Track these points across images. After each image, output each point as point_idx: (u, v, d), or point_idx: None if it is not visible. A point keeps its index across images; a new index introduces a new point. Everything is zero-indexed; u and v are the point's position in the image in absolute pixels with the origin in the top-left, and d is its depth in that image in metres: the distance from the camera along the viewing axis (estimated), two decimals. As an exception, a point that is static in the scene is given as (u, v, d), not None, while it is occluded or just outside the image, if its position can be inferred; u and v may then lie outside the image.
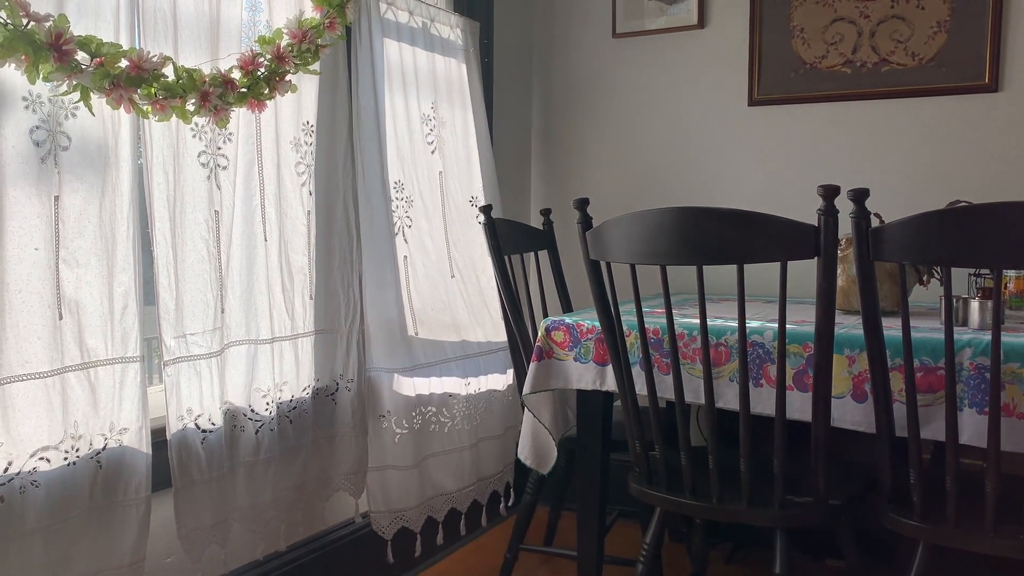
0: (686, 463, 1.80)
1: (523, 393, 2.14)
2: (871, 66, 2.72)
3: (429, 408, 2.52)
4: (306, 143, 2.14)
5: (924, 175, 2.67)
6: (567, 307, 2.72)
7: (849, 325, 1.90)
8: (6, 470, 1.52)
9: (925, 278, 2.09)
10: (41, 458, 1.57)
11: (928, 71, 2.64)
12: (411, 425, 2.43)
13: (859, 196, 1.57)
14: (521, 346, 2.34)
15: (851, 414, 1.77)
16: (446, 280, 2.62)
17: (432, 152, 2.59)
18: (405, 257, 2.47)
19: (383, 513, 2.36)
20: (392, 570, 2.51)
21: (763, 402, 1.82)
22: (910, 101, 2.68)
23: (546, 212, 2.73)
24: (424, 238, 2.54)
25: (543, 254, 2.72)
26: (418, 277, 2.51)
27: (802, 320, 1.97)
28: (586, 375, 2.05)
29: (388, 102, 2.40)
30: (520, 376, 2.33)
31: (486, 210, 2.35)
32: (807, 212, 1.69)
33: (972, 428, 1.63)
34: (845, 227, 1.61)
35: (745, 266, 1.64)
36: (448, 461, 2.58)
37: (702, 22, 2.96)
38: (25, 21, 1.42)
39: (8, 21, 1.40)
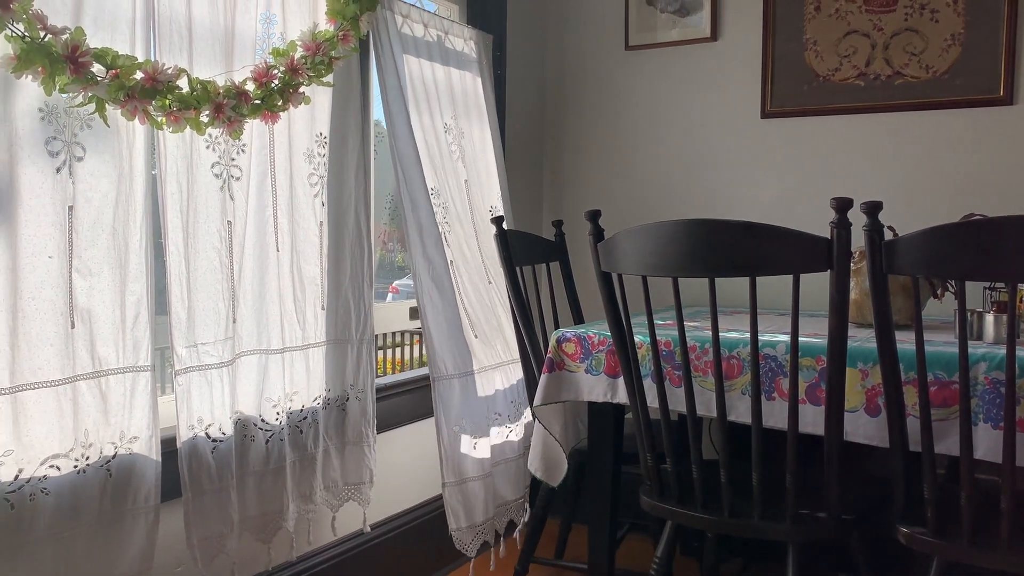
0: (698, 476, 1.79)
1: (534, 405, 2.14)
2: (884, 79, 2.71)
3: (496, 414, 2.51)
4: (319, 154, 2.15)
5: (938, 188, 2.66)
6: (578, 319, 2.72)
7: (862, 338, 1.88)
8: (17, 477, 1.53)
9: (939, 291, 2.07)
10: (51, 465, 1.57)
11: (942, 84, 2.63)
12: (482, 432, 2.43)
13: (872, 209, 1.57)
14: (532, 357, 2.33)
15: (864, 428, 1.75)
16: (486, 285, 2.63)
17: (456, 161, 2.61)
18: (451, 262, 2.48)
19: (464, 530, 2.34)
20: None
21: (775, 415, 1.81)
22: (924, 114, 2.67)
23: (558, 223, 2.73)
24: (462, 244, 2.56)
25: (555, 265, 2.72)
26: (464, 282, 2.52)
27: (815, 333, 1.96)
28: (597, 387, 2.05)
29: (415, 112, 2.42)
30: (531, 387, 2.33)
31: (497, 221, 2.36)
32: (820, 225, 1.68)
33: (987, 443, 1.62)
34: (858, 240, 1.60)
35: (758, 279, 1.63)
36: (507, 470, 2.57)
37: (715, 34, 2.96)
38: (42, 34, 1.44)
39: (26, 34, 1.42)
